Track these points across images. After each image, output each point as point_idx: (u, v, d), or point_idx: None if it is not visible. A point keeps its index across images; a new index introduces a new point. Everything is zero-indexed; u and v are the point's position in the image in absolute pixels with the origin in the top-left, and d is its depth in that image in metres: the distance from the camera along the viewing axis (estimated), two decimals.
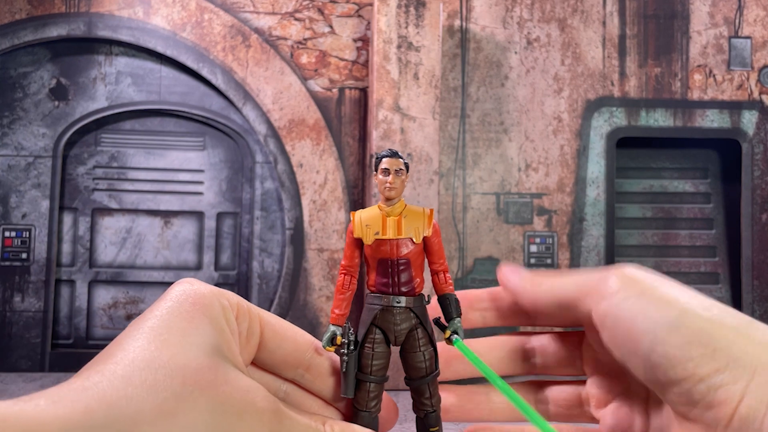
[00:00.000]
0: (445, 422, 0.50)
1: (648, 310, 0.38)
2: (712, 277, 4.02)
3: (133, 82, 3.84)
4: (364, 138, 3.81)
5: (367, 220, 0.49)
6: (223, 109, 3.87)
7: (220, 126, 3.91)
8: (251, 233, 3.88)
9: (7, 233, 3.70)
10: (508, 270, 0.48)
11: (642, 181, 4.09)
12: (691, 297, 0.38)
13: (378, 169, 0.49)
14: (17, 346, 3.64)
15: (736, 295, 3.96)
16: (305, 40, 3.84)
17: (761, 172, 3.95)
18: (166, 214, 3.90)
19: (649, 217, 4.07)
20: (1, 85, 3.77)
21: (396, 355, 0.49)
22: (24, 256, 3.69)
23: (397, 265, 0.48)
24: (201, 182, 3.92)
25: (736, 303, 3.95)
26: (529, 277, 0.47)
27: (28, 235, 3.70)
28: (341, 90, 3.83)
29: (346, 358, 0.47)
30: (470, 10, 3.87)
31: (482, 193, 3.84)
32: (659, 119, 3.93)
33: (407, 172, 0.50)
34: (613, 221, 3.90)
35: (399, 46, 3.46)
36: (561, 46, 3.90)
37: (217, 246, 3.92)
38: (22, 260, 3.68)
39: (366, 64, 3.84)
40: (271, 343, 0.44)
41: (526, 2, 3.90)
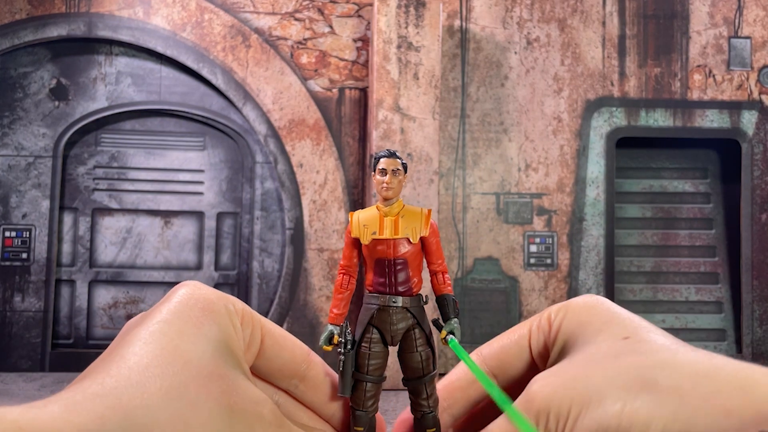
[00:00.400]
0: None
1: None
2: (712, 277, 4.02)
3: (133, 82, 3.84)
4: (364, 138, 3.81)
5: (365, 220, 0.49)
6: (223, 109, 3.87)
7: (220, 126, 3.91)
8: (251, 233, 3.88)
9: (8, 233, 3.70)
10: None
11: (642, 181, 4.09)
12: None
13: (376, 169, 0.50)
14: (17, 346, 3.64)
15: (736, 295, 3.96)
16: (305, 40, 3.84)
17: (761, 172, 3.95)
18: (167, 214, 3.90)
19: (649, 217, 4.07)
20: (1, 85, 3.77)
21: (394, 356, 0.49)
22: (24, 256, 3.69)
23: (394, 265, 0.48)
24: (201, 182, 3.92)
25: (736, 303, 3.95)
26: None
27: (28, 235, 3.70)
28: (341, 90, 3.83)
29: (343, 357, 0.47)
30: (470, 11, 3.87)
31: (482, 193, 3.84)
32: (659, 119, 3.93)
33: (405, 173, 0.50)
34: (613, 221, 3.90)
35: (399, 46, 3.46)
36: (561, 47, 3.90)
37: (217, 246, 3.92)
38: (22, 260, 3.69)
39: (366, 64, 3.84)
40: (269, 351, 0.44)
41: (526, 2, 3.90)
